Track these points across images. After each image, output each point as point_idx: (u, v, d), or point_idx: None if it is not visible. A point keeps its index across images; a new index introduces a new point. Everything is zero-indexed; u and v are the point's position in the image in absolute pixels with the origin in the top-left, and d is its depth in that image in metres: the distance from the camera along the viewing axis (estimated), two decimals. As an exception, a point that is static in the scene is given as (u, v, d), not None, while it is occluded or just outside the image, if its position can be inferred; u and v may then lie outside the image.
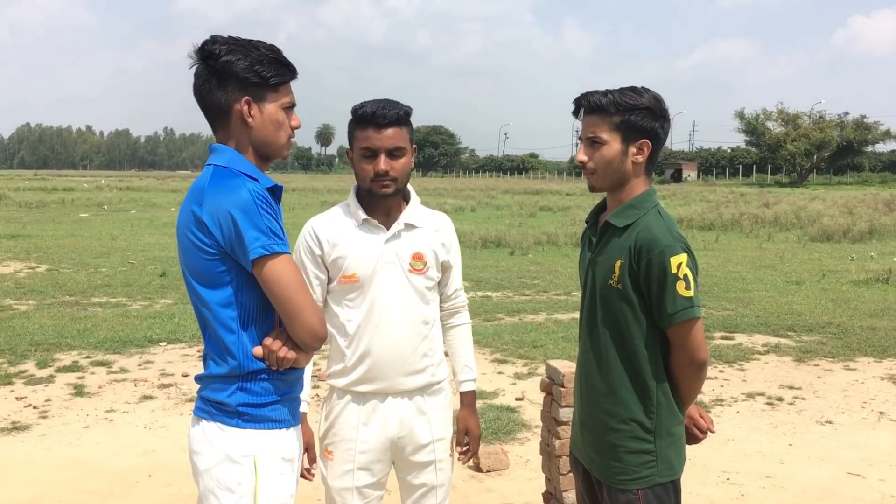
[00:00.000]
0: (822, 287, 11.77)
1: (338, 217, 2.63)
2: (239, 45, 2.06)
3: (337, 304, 2.60)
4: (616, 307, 2.26)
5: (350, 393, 2.60)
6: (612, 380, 2.29)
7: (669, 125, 2.35)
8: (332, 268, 2.58)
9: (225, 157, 2.07)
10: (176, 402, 6.05)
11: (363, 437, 2.58)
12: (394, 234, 2.59)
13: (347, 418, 2.60)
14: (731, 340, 8.27)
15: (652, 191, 2.34)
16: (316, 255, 2.59)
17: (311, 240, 2.60)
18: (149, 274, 12.44)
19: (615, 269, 2.25)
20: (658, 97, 2.31)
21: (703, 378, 2.31)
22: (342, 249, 2.56)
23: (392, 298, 2.56)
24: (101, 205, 31.09)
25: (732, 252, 16.54)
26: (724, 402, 6.24)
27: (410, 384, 2.59)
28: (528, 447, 5.20)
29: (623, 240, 2.26)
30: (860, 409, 6.10)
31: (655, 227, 2.22)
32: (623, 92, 2.28)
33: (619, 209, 2.31)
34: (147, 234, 19.19)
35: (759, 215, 24.46)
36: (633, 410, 2.26)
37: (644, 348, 2.25)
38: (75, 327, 8.38)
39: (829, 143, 68.49)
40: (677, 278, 2.16)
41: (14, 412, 5.76)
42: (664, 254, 2.16)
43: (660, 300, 2.18)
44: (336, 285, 2.58)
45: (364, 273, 2.54)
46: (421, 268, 2.61)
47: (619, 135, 2.28)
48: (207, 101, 2.09)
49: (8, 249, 15.47)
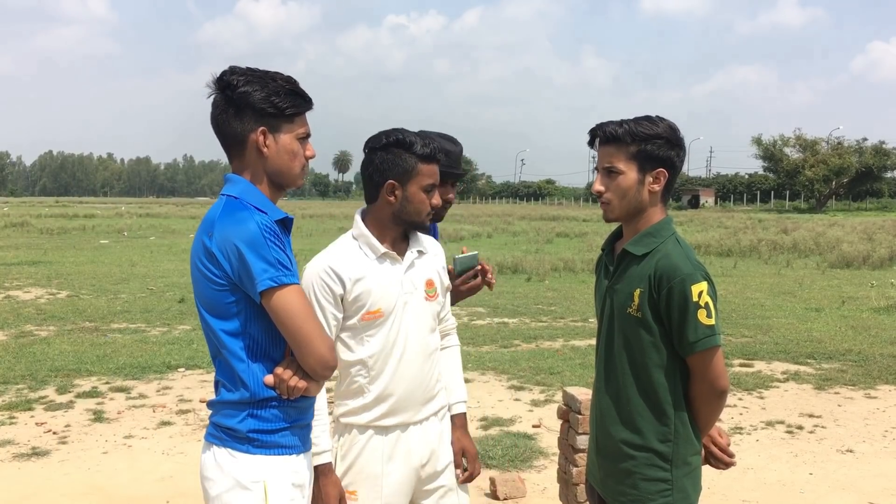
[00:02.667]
0: (841, 314, 11.67)
1: (352, 252, 2.55)
2: (256, 76, 2.11)
3: (355, 341, 2.53)
4: (635, 335, 2.26)
5: (372, 428, 2.55)
6: (629, 407, 2.28)
7: (685, 153, 2.37)
8: (353, 305, 2.49)
9: (237, 188, 2.11)
10: (194, 428, 6.07)
11: (388, 470, 2.54)
12: (409, 262, 2.58)
13: (371, 454, 2.55)
14: (750, 368, 8.20)
15: (669, 219, 2.35)
16: (336, 295, 2.47)
17: (329, 279, 2.47)
18: (167, 300, 12.53)
19: (634, 297, 2.25)
20: (673, 126, 2.32)
21: (723, 406, 2.30)
22: (365, 285, 2.48)
23: (413, 329, 2.55)
24: (121, 231, 31.42)
25: (751, 278, 16.44)
26: (743, 430, 6.18)
27: (427, 411, 2.60)
28: (545, 475, 5.17)
29: (642, 268, 2.26)
30: (882, 438, 6.03)
31: (675, 256, 2.22)
32: (639, 121, 2.30)
33: (636, 237, 2.32)
34: (166, 261, 19.36)
35: (778, 241, 24.33)
36: (650, 439, 2.25)
37: (663, 377, 2.24)
38: (95, 353, 8.45)
39: (847, 169, 68.07)
40: (699, 306, 2.16)
41: (34, 437, 5.80)
42: (685, 282, 2.17)
43: (681, 329, 2.18)
44: (357, 322, 2.50)
45: (388, 307, 2.50)
46: (433, 294, 2.62)
47: (635, 164, 2.29)
48: (224, 131, 2.13)
49: (29, 276, 15.65)
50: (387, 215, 2.56)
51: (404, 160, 2.51)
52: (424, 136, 2.56)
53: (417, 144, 2.51)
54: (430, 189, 2.55)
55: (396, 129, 2.57)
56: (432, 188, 2.55)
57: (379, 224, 2.57)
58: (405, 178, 2.52)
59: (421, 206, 2.54)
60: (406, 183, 2.52)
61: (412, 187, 2.52)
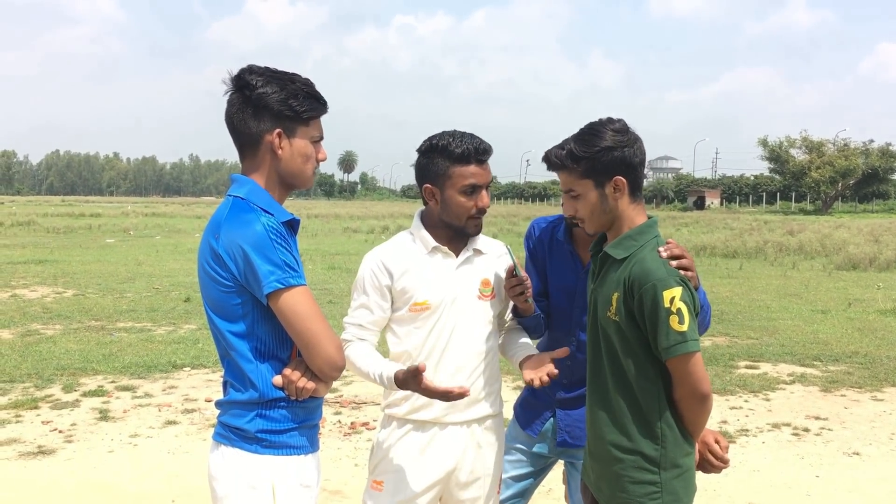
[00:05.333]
0: (848, 316, 11.64)
1: (404, 245, 2.62)
2: (276, 77, 2.11)
3: (404, 331, 2.59)
4: (614, 339, 2.26)
5: (410, 422, 2.58)
6: (616, 410, 2.28)
7: (640, 146, 2.30)
8: (401, 296, 2.56)
9: (244, 189, 2.10)
10: (199, 428, 6.08)
11: (418, 467, 2.55)
12: (464, 259, 2.60)
13: (405, 448, 2.57)
14: (755, 370, 8.18)
15: (653, 222, 2.33)
16: (383, 286, 2.56)
17: (378, 271, 2.57)
18: (173, 299, 12.55)
19: (613, 301, 2.24)
20: (619, 128, 2.27)
21: (708, 410, 2.27)
22: (412, 277, 2.55)
23: (461, 324, 2.56)
24: (127, 230, 31.49)
25: (756, 280, 16.40)
26: (749, 432, 6.17)
27: (470, 414, 2.58)
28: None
29: (620, 272, 2.25)
30: (888, 441, 6.01)
31: (650, 261, 2.20)
32: (580, 138, 2.28)
33: (617, 240, 2.31)
34: (172, 260, 19.39)
35: (784, 243, 24.24)
36: (637, 441, 2.25)
37: (644, 380, 2.23)
38: (101, 352, 8.47)
39: (853, 171, 67.87)
40: (670, 312, 2.13)
41: (40, 436, 5.82)
42: (656, 287, 2.15)
43: (653, 334, 2.17)
44: (406, 313, 2.56)
45: (436, 300, 2.54)
46: (489, 294, 2.62)
47: (590, 181, 2.28)
48: (239, 129, 2.13)
49: (36, 274, 15.69)
50: (434, 218, 2.60)
51: (437, 164, 2.53)
52: (460, 136, 2.52)
53: (451, 146, 2.50)
54: (470, 191, 2.53)
55: (441, 133, 2.56)
56: (473, 189, 2.53)
57: (431, 225, 2.61)
58: (440, 181, 2.54)
59: (459, 209, 2.54)
60: (442, 186, 2.54)
61: (448, 191, 2.53)
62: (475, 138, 2.54)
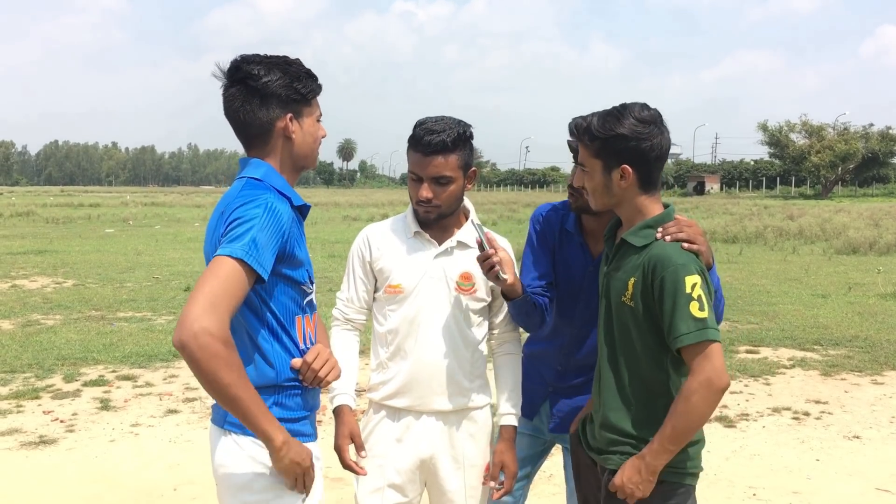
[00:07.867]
0: (848, 300, 11.64)
1: (392, 227, 2.63)
2: (274, 63, 2.09)
3: (381, 314, 2.61)
4: (628, 324, 2.24)
5: (385, 408, 2.58)
6: (625, 393, 2.27)
7: (661, 141, 2.23)
8: (379, 276, 2.59)
9: (261, 171, 2.09)
10: (200, 416, 6.09)
11: (394, 454, 2.54)
12: (444, 250, 2.56)
13: (381, 434, 2.57)
14: (756, 354, 8.19)
15: (669, 211, 2.30)
16: (365, 261, 2.60)
17: (363, 245, 2.62)
18: (173, 289, 12.55)
19: (629, 286, 2.22)
20: (643, 118, 2.20)
21: (716, 404, 2.19)
22: (389, 258, 2.56)
23: (435, 314, 2.53)
24: (127, 220, 31.47)
25: (757, 265, 16.40)
26: (749, 416, 6.18)
27: (446, 405, 2.55)
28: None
29: (639, 258, 2.23)
30: (888, 424, 6.02)
31: (670, 247, 2.18)
32: (602, 117, 2.23)
33: (635, 228, 2.28)
34: (171, 250, 19.37)
35: (784, 228, 24.24)
36: (643, 426, 2.23)
37: (655, 367, 2.22)
38: (101, 342, 8.47)
39: (853, 155, 67.75)
40: (691, 298, 2.10)
41: (41, 426, 5.83)
42: (678, 272, 2.12)
43: (672, 320, 2.12)
44: (382, 294, 2.59)
45: (408, 285, 2.53)
46: (469, 287, 2.56)
47: (599, 162, 2.25)
48: (248, 121, 2.09)
49: (35, 265, 15.68)
50: None
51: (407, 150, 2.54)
52: (431, 121, 2.48)
53: (414, 129, 2.50)
54: (415, 177, 2.50)
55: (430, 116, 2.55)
56: (416, 177, 2.49)
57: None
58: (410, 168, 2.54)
59: (411, 192, 2.56)
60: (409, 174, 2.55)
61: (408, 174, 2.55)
62: (432, 126, 2.44)
